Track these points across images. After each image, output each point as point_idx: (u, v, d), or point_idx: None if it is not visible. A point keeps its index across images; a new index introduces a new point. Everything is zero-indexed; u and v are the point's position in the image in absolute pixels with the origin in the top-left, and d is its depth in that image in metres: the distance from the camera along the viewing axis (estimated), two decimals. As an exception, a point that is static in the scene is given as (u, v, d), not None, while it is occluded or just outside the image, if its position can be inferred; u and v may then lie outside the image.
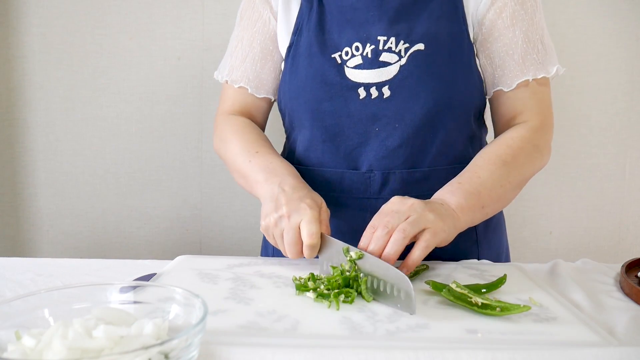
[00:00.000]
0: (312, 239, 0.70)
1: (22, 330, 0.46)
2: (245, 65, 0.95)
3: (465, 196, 0.76)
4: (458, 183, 0.78)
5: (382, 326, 0.55)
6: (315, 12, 0.89)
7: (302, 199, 0.74)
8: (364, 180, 0.87)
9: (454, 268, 0.77)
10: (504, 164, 0.81)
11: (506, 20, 0.86)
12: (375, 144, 0.86)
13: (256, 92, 0.96)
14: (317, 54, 0.87)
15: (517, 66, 0.86)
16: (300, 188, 0.77)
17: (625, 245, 1.44)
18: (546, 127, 0.89)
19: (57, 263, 0.80)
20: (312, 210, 0.72)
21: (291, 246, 0.72)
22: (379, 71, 0.84)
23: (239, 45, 0.96)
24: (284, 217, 0.73)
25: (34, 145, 1.40)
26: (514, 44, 0.86)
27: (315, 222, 0.71)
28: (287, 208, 0.73)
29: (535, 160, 0.86)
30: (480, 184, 0.78)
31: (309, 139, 0.90)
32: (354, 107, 0.85)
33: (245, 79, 0.95)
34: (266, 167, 0.84)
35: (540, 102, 0.89)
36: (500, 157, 0.82)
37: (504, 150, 0.83)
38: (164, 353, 0.41)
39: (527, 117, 0.88)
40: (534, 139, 0.86)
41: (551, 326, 0.55)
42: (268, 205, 0.76)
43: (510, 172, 0.81)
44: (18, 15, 1.35)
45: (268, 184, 0.80)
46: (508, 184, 0.81)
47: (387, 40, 0.85)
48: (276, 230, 0.74)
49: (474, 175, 0.79)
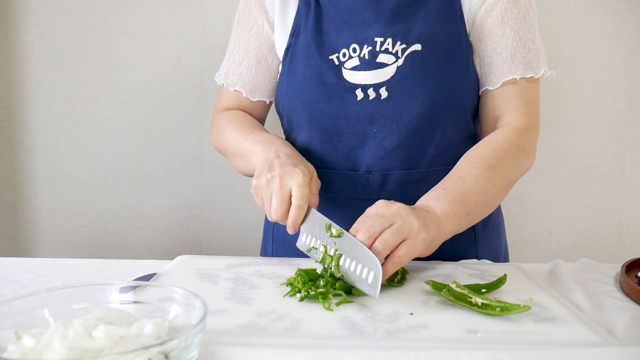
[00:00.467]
0: (302, 199, 0.72)
1: (22, 330, 0.46)
2: (241, 69, 0.97)
3: (451, 203, 0.73)
4: (443, 189, 0.76)
5: (382, 326, 0.55)
6: (312, 14, 0.90)
7: (296, 164, 0.76)
8: (362, 181, 0.87)
9: (454, 268, 0.77)
10: (489, 168, 0.79)
11: (497, 17, 0.86)
12: (373, 145, 0.86)
13: (251, 96, 0.97)
14: (314, 55, 0.88)
15: (505, 64, 0.85)
16: (295, 156, 0.80)
17: (625, 245, 1.44)
18: (531, 128, 0.87)
19: (58, 263, 0.80)
20: (304, 176, 0.74)
21: (278, 206, 0.73)
22: (376, 72, 0.85)
23: (236, 49, 0.98)
24: (276, 177, 0.74)
25: (34, 145, 1.40)
26: (503, 42, 0.85)
27: (306, 187, 0.73)
28: (280, 170, 0.75)
29: (521, 162, 0.84)
30: (465, 190, 0.75)
31: (307, 140, 0.90)
32: (352, 108, 0.85)
33: (240, 83, 0.97)
34: (262, 139, 0.86)
35: (527, 103, 0.87)
36: (484, 160, 0.79)
37: (488, 153, 0.80)
38: (164, 353, 0.41)
39: (512, 117, 0.86)
40: (519, 141, 0.84)
41: (551, 326, 0.56)
42: (262, 167, 0.78)
43: (495, 176, 0.79)
44: (18, 15, 1.34)
45: (264, 152, 0.82)
46: (494, 188, 0.79)
47: (384, 41, 0.85)
48: (266, 190, 0.75)
49: (459, 181, 0.77)
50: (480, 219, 0.81)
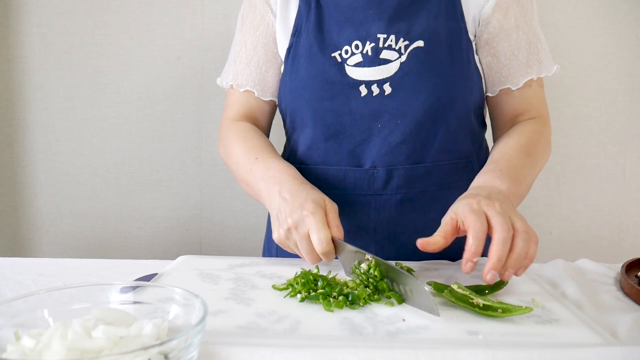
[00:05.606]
0: (323, 246, 0.69)
1: (21, 330, 0.46)
2: (250, 68, 0.95)
3: (512, 182, 0.76)
4: (500, 170, 0.78)
5: (383, 327, 0.55)
6: (313, 12, 0.90)
7: (302, 205, 0.73)
8: (367, 177, 0.87)
9: (456, 269, 0.76)
10: (529, 155, 0.83)
11: (511, 21, 0.88)
12: (378, 141, 0.86)
13: (262, 95, 0.96)
14: (317, 53, 0.88)
15: (522, 66, 0.89)
16: (299, 192, 0.76)
17: (625, 245, 1.44)
18: (548, 123, 0.92)
19: (59, 263, 0.80)
20: (315, 217, 0.71)
21: (308, 254, 0.72)
22: (379, 68, 0.85)
23: (243, 49, 0.96)
24: (291, 229, 0.72)
25: (34, 145, 1.40)
26: (519, 45, 0.89)
27: (322, 228, 0.70)
28: (291, 220, 0.72)
29: (547, 153, 0.90)
30: (517, 172, 0.78)
31: (311, 138, 0.90)
32: (356, 104, 0.86)
33: (251, 83, 0.95)
34: (265, 174, 0.83)
35: (541, 101, 0.93)
36: (523, 147, 0.83)
37: (525, 142, 0.84)
38: (164, 353, 0.41)
39: (533, 114, 0.91)
40: (545, 133, 0.89)
41: (554, 328, 0.55)
42: (274, 220, 0.76)
43: (533, 163, 0.83)
44: (18, 15, 1.34)
45: (270, 194, 0.79)
46: (532, 175, 0.83)
47: (387, 38, 0.86)
48: (290, 242, 0.74)
49: (510, 164, 0.79)
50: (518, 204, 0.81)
